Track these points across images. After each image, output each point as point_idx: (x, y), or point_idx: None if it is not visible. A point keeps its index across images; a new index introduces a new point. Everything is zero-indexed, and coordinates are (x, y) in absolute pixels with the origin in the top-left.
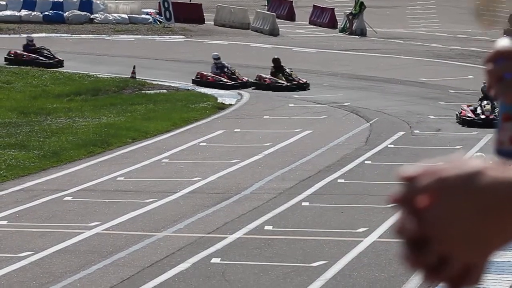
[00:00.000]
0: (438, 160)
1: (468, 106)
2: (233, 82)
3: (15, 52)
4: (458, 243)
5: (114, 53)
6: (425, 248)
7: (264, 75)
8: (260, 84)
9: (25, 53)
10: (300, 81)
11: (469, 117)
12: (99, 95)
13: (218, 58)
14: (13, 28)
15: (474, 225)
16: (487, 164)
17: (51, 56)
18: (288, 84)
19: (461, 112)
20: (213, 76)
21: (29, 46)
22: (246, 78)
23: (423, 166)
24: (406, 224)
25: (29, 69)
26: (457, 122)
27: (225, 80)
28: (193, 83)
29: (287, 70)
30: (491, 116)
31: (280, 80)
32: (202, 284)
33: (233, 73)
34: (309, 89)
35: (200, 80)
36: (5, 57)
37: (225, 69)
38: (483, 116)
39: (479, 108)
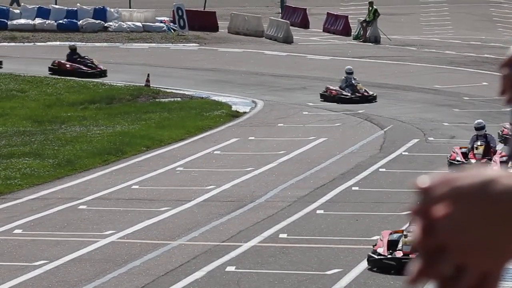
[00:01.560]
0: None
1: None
2: (352, 97)
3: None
4: (474, 252)
5: (128, 61)
6: (441, 258)
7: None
8: (327, 96)
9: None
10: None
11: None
12: (114, 103)
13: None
14: (27, 36)
15: (489, 233)
16: (502, 172)
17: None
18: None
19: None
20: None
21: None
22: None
23: (438, 175)
24: (422, 235)
25: (43, 77)
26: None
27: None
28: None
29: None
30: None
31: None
32: None
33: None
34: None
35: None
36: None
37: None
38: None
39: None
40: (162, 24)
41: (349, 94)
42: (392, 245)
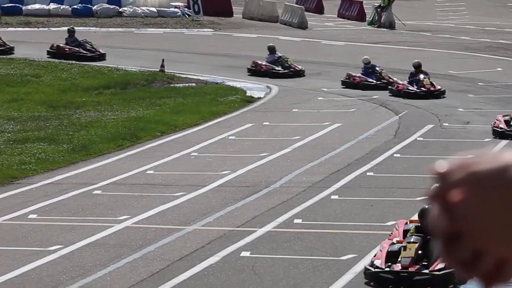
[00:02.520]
0: (469, 153)
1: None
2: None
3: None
4: (491, 237)
5: (143, 46)
6: (459, 243)
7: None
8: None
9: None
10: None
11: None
12: (128, 88)
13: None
14: (42, 21)
15: (506, 218)
16: None
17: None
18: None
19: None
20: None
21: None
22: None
23: (454, 160)
24: (440, 220)
25: (58, 62)
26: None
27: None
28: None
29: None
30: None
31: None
32: (231, 277)
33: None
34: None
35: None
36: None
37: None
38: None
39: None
40: (176, 9)
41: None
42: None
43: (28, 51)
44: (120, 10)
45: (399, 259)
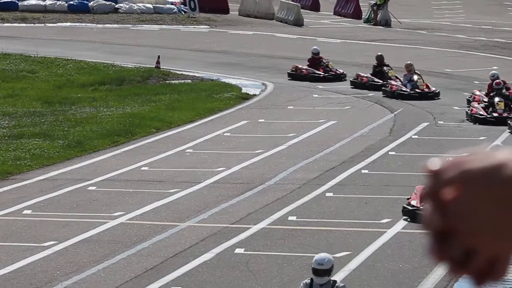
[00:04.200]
0: (462, 151)
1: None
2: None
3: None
4: (483, 235)
5: (139, 43)
6: (451, 241)
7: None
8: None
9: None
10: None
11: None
12: (124, 85)
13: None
14: (38, 17)
15: (498, 217)
16: (511, 155)
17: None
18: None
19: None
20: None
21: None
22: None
23: (447, 159)
24: (432, 217)
25: (54, 58)
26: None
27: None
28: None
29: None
30: (504, 114)
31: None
32: (225, 274)
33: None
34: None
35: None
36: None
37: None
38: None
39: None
40: (172, 6)
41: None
42: None
43: (24, 46)
44: (116, 6)
45: None
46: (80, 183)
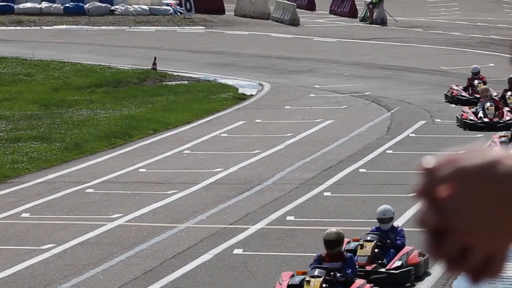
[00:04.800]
0: (458, 149)
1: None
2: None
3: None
4: (478, 232)
5: (135, 44)
6: (446, 239)
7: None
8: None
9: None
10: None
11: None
12: (120, 86)
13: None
14: (33, 20)
15: (494, 214)
16: (506, 153)
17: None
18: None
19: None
20: (458, 90)
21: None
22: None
23: (442, 156)
24: (427, 215)
25: (50, 61)
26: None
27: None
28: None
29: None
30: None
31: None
32: (224, 275)
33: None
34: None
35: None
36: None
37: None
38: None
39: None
40: (168, 7)
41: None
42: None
43: (20, 50)
44: (112, 8)
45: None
46: (78, 185)
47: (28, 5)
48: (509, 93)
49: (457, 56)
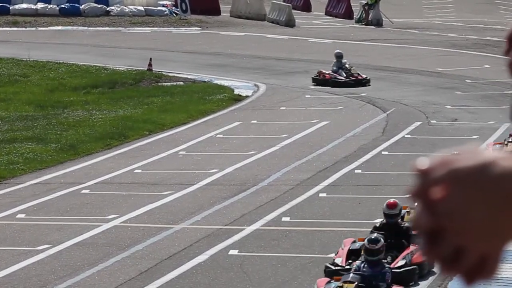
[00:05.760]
0: (453, 150)
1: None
2: (347, 80)
3: (319, 71)
4: (472, 234)
5: (131, 45)
6: (441, 240)
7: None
8: (319, 80)
9: (327, 72)
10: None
11: (338, 79)
12: (116, 87)
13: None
14: (29, 21)
15: (487, 215)
16: (500, 154)
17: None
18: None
19: (324, 76)
20: (330, 74)
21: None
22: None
23: (436, 158)
24: (422, 216)
25: (45, 61)
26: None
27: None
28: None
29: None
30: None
31: (339, 76)
32: (220, 275)
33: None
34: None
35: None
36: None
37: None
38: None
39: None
40: (164, 8)
41: (344, 78)
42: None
43: (16, 50)
44: (108, 9)
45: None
46: (74, 186)
47: (24, 6)
48: None
49: (453, 57)
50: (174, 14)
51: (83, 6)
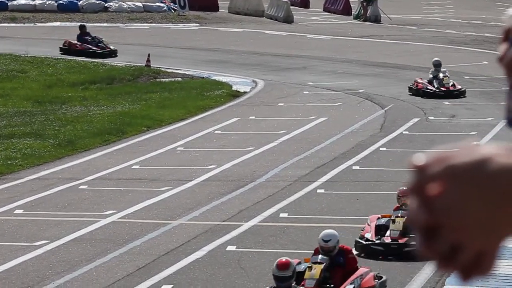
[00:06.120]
0: (450, 147)
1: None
2: (436, 91)
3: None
4: (469, 230)
5: (129, 41)
6: (437, 237)
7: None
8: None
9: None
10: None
11: (429, 89)
12: (114, 83)
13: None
14: (27, 17)
15: (484, 212)
16: (497, 150)
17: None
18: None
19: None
20: (423, 83)
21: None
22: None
23: (433, 154)
24: (418, 213)
25: (44, 57)
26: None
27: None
28: None
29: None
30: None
31: (430, 86)
32: (217, 271)
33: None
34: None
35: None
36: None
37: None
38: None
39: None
40: (162, 4)
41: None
42: (380, 229)
43: (14, 46)
44: (106, 5)
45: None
46: (71, 182)
47: (22, 1)
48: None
49: (451, 53)
50: (172, 10)
51: (81, 2)
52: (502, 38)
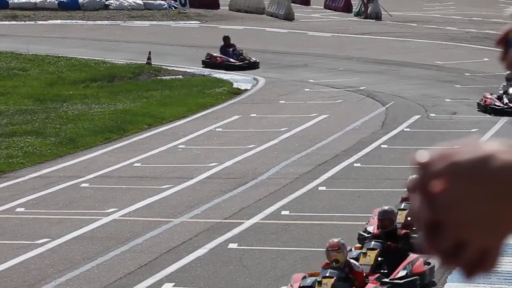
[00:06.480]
0: (453, 144)
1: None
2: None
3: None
4: (472, 227)
5: (129, 39)
6: (440, 233)
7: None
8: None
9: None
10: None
11: (496, 105)
12: (115, 81)
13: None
14: (28, 15)
15: (487, 209)
16: (499, 147)
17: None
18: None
19: (485, 101)
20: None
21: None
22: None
23: (436, 151)
24: (421, 210)
25: (44, 55)
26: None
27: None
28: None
29: (510, 89)
30: None
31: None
32: (219, 269)
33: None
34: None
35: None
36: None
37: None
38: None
39: (505, 97)
40: (163, 2)
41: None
42: None
43: (15, 44)
44: (107, 3)
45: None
46: (73, 180)
47: None
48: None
49: (452, 50)
50: (173, 8)
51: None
52: (500, 39)
